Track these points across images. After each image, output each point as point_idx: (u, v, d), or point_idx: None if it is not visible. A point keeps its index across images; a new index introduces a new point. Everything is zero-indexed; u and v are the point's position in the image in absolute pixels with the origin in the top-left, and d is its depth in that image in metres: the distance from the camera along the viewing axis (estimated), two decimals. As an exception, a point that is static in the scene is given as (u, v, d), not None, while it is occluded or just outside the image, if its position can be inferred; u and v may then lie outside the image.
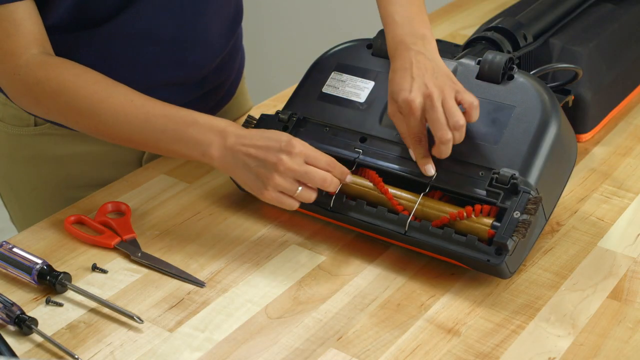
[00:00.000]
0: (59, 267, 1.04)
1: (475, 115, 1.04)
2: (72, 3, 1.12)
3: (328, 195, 1.09)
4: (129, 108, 1.07)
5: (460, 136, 1.03)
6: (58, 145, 1.27)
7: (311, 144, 1.12)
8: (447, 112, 1.03)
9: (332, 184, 1.04)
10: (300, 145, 1.03)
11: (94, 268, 1.04)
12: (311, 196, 1.04)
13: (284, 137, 1.03)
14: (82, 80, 1.08)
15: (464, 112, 1.04)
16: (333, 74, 1.17)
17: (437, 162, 1.06)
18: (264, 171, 1.02)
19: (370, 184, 1.08)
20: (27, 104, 1.14)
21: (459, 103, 1.04)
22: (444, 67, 1.08)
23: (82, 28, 1.15)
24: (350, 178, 1.07)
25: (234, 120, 1.39)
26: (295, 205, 1.04)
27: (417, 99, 1.03)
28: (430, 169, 1.06)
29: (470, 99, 1.04)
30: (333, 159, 1.05)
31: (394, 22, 1.12)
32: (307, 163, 1.03)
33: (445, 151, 1.04)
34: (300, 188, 1.03)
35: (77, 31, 1.15)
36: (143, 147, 1.11)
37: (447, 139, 1.02)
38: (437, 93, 1.04)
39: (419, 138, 1.05)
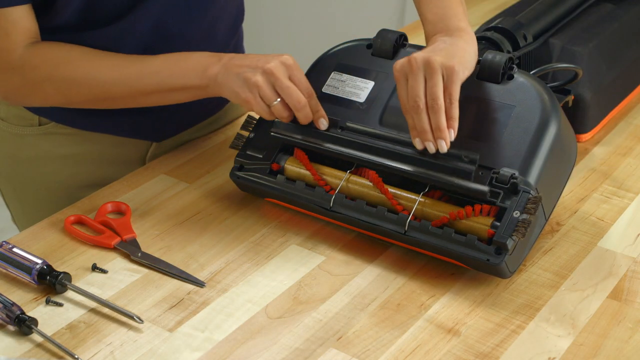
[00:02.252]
0: (59, 267, 1.04)
1: (442, 120, 1.00)
2: (81, 4, 1.12)
3: (328, 195, 1.09)
4: (123, 62, 1.12)
5: (433, 123, 1.00)
6: (62, 145, 1.27)
7: (312, 144, 1.13)
8: (428, 87, 1.00)
9: (304, 111, 1.07)
10: (291, 59, 1.06)
11: (94, 268, 1.04)
12: (284, 114, 1.07)
13: (278, 54, 1.07)
14: (74, 54, 1.13)
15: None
16: (333, 74, 1.17)
17: (438, 161, 1.06)
18: (250, 74, 1.05)
19: (370, 184, 1.08)
20: (23, 96, 1.16)
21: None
22: (461, 51, 1.04)
23: (91, 28, 1.15)
24: (324, 124, 1.09)
25: (233, 121, 1.39)
26: (269, 116, 1.07)
27: (398, 63, 1.02)
28: (418, 144, 1.03)
29: (454, 97, 1.00)
30: (313, 91, 1.08)
31: (426, 20, 1.13)
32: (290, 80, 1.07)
33: (418, 125, 1.01)
34: (278, 100, 1.06)
35: (86, 31, 1.15)
36: (145, 96, 1.14)
37: (418, 109, 1.00)
38: (421, 61, 1.00)
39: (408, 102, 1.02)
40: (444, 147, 1.01)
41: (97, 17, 1.15)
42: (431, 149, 1.02)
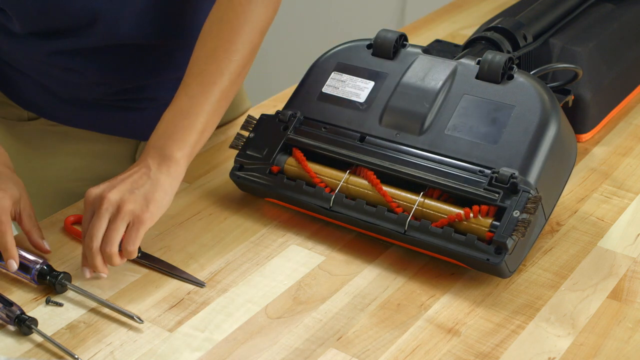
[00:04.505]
0: (59, 267, 1.04)
1: (117, 261, 0.99)
2: (32, 15, 1.10)
3: (328, 194, 1.09)
4: None
5: (105, 260, 0.99)
6: (50, 139, 1.27)
7: (311, 144, 1.13)
8: (108, 229, 0.98)
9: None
10: None
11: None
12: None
13: None
14: None
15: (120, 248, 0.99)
16: (333, 74, 1.17)
17: (437, 161, 1.06)
18: None
19: (369, 185, 1.08)
20: None
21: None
22: (162, 194, 1.01)
23: (47, 38, 1.13)
24: (14, 266, 1.00)
25: (233, 121, 1.39)
26: None
27: (93, 193, 0.99)
28: (87, 273, 1.00)
29: (131, 247, 0.98)
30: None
31: (163, 118, 1.05)
32: None
33: (89, 261, 0.98)
34: None
35: (44, 40, 1.13)
36: None
37: (89, 248, 0.98)
38: (113, 204, 0.98)
39: (86, 234, 0.99)
40: (87, 274, 1.00)
41: (52, 29, 1.13)
42: (87, 274, 1.00)
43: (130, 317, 0.97)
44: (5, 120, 1.28)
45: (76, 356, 0.92)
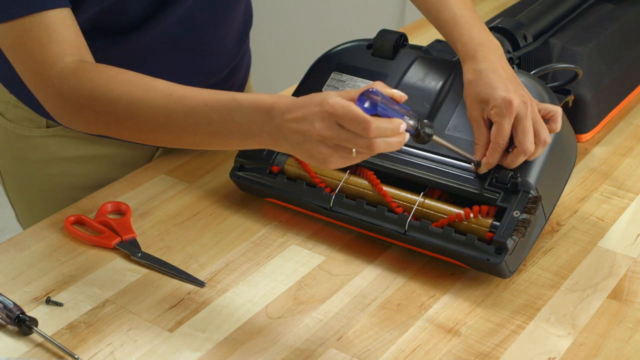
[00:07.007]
0: (58, 267, 1.04)
1: (559, 125, 1.05)
2: (93, 14, 1.11)
3: (328, 194, 1.09)
4: (167, 103, 0.96)
5: (539, 152, 1.03)
6: (68, 147, 1.27)
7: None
8: (536, 124, 1.02)
9: (369, 149, 0.88)
10: (330, 105, 0.86)
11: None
12: (366, 154, 0.89)
13: (317, 99, 0.88)
14: (115, 82, 0.98)
15: (547, 123, 1.04)
16: (333, 74, 1.17)
17: (438, 161, 1.06)
18: (309, 145, 0.88)
19: (369, 185, 1.08)
20: (68, 118, 1.03)
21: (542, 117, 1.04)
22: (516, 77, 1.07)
23: (102, 37, 1.14)
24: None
25: None
26: (358, 160, 0.90)
27: (516, 100, 1.01)
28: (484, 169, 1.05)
29: (553, 108, 1.05)
30: (364, 117, 0.85)
31: (463, 23, 1.09)
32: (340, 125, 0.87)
33: (518, 161, 1.02)
34: (354, 150, 0.88)
35: (97, 40, 1.13)
36: (192, 144, 1.00)
37: (530, 151, 1.01)
38: (531, 103, 1.03)
39: (504, 143, 1.02)
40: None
41: (110, 28, 1.13)
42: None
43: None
44: (23, 128, 1.27)
45: (76, 356, 0.92)
